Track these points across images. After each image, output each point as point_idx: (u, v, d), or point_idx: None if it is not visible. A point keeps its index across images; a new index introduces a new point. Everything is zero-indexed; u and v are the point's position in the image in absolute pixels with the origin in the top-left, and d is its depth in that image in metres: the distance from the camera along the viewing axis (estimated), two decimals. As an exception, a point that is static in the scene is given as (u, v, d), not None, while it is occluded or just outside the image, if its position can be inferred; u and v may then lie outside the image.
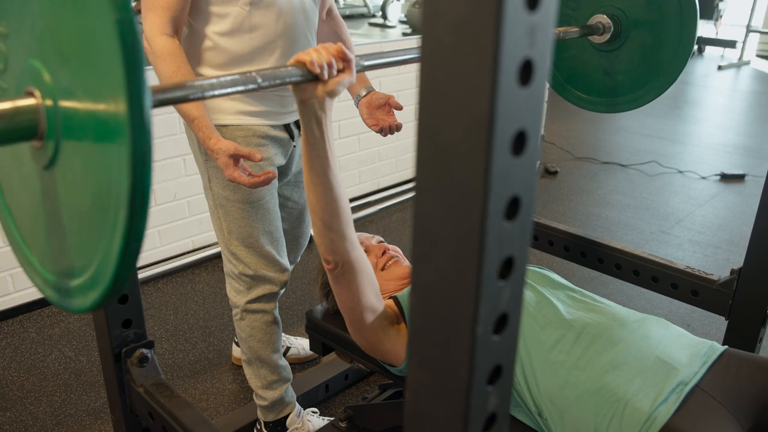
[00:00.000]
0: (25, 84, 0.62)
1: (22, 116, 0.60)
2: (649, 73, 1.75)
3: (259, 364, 1.78)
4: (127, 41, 0.51)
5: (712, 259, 3.15)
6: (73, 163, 0.61)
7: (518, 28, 0.42)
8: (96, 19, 0.53)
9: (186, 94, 0.81)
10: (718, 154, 4.86)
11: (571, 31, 1.68)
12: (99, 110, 0.55)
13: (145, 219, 0.57)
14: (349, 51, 1.00)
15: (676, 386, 1.15)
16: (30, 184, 0.69)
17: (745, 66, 9.00)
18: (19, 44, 0.65)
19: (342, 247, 1.14)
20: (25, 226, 0.76)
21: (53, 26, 0.59)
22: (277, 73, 0.92)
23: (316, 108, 1.00)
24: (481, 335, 0.50)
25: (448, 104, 0.45)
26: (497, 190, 0.45)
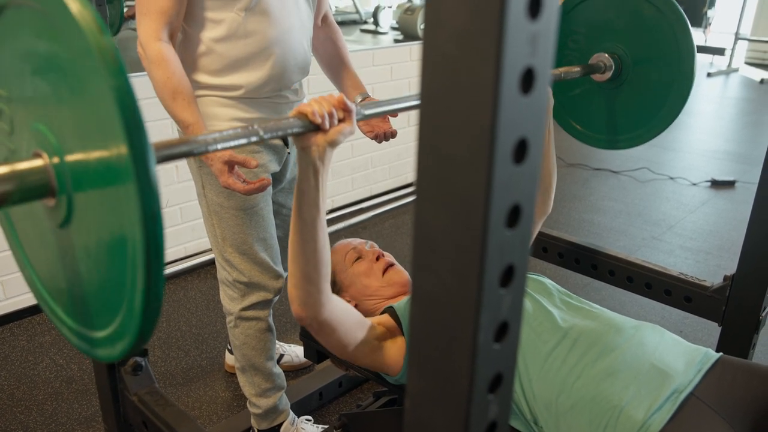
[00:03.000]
0: (33, 146, 0.66)
1: (32, 177, 0.64)
2: (649, 112, 1.78)
3: (252, 371, 1.77)
4: (127, 108, 0.54)
5: (704, 265, 3.17)
6: (87, 221, 0.64)
7: (520, 36, 0.42)
8: (95, 85, 0.55)
9: (190, 149, 0.84)
10: (709, 160, 4.89)
11: (573, 71, 1.71)
12: (106, 167, 0.58)
13: (162, 276, 0.60)
14: (349, 102, 1.03)
15: (670, 394, 1.15)
16: (48, 242, 0.72)
17: (734, 73, 9.08)
18: (22, 107, 0.69)
19: (318, 300, 1.11)
20: (47, 280, 0.78)
21: (54, 92, 0.62)
22: (279, 124, 0.95)
23: (316, 157, 1.00)
24: (482, 343, 0.50)
25: (449, 112, 0.45)
26: (498, 198, 0.45)
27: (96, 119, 0.57)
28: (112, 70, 0.54)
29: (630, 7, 1.73)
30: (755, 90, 7.97)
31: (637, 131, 1.82)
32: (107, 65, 0.54)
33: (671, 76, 1.70)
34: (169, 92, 1.40)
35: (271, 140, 1.62)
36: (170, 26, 1.41)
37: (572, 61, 1.85)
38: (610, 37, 1.77)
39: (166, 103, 1.42)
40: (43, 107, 0.65)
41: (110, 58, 0.54)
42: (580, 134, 1.94)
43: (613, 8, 1.75)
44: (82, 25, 0.55)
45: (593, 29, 1.80)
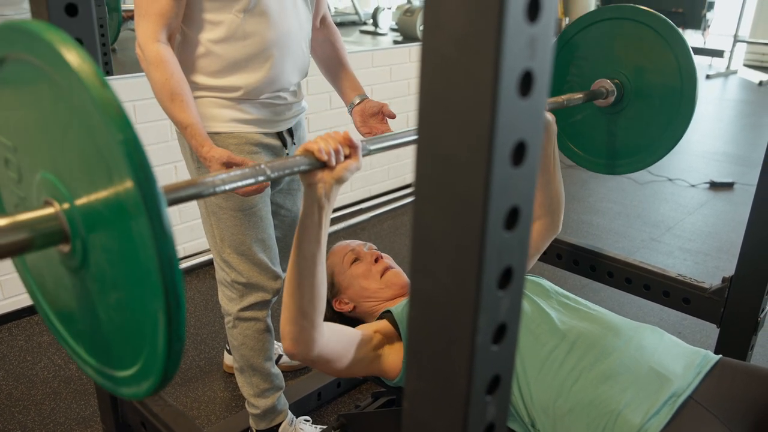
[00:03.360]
0: (43, 194, 0.68)
1: (45, 225, 0.65)
2: (651, 137, 1.78)
3: (251, 372, 1.77)
4: (135, 160, 0.55)
5: (702, 266, 3.17)
6: (103, 264, 0.65)
7: (519, 39, 0.42)
8: (101, 137, 0.56)
9: (199, 191, 0.85)
10: (708, 162, 4.90)
11: (575, 97, 1.71)
12: (118, 211, 0.59)
13: (183, 318, 0.61)
14: (355, 138, 1.04)
15: (669, 398, 1.15)
16: (66, 285, 0.73)
17: (733, 75, 9.10)
18: (29, 156, 0.70)
19: (311, 336, 1.11)
20: (67, 321, 0.79)
21: (60, 141, 0.63)
22: (286, 163, 0.96)
23: (322, 194, 1.01)
24: (480, 345, 0.50)
25: (448, 115, 0.45)
26: (497, 201, 0.45)
27: (104, 166, 0.58)
28: (118, 124, 0.55)
29: (631, 33, 1.73)
30: (754, 92, 7.99)
31: (638, 156, 1.82)
32: (112, 120, 0.55)
33: (673, 101, 1.71)
34: (167, 93, 1.40)
35: (269, 141, 1.63)
36: (169, 28, 1.41)
37: (574, 88, 1.86)
38: (611, 63, 1.78)
39: (165, 105, 1.42)
40: (50, 156, 0.66)
41: (115, 112, 0.55)
42: (580, 158, 1.95)
43: (614, 34, 1.76)
44: (84, 80, 0.55)
45: (595, 55, 1.81)
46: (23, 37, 0.62)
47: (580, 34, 1.82)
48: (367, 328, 1.32)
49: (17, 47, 0.63)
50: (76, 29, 1.02)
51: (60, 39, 0.57)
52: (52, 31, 0.58)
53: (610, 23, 1.76)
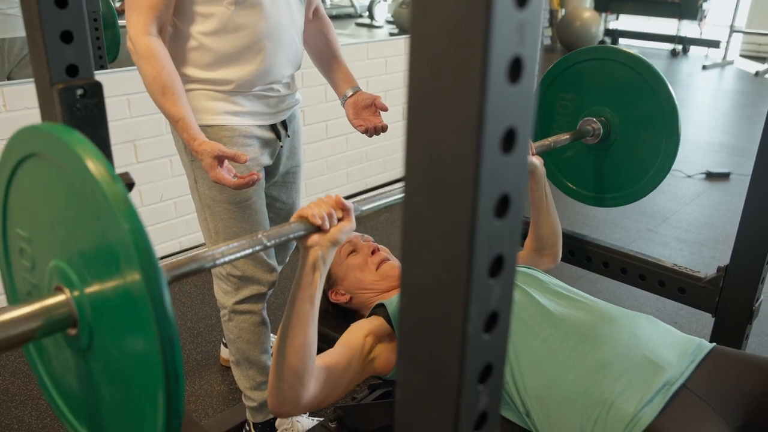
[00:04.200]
0: (54, 280, 0.72)
1: (56, 311, 0.70)
2: (638, 172, 1.82)
3: (247, 365, 1.77)
4: (140, 246, 0.60)
5: (698, 256, 3.18)
6: (108, 347, 0.69)
7: (507, 25, 0.42)
8: (111, 228, 0.62)
9: (200, 266, 0.90)
10: (704, 153, 4.90)
11: (562, 138, 1.76)
12: (123, 297, 0.63)
13: (182, 398, 0.64)
14: (347, 201, 1.08)
15: (662, 386, 1.15)
16: (70, 366, 0.77)
17: (729, 65, 9.09)
18: (42, 245, 0.75)
19: (298, 394, 1.10)
20: (70, 400, 0.82)
21: (72, 231, 0.68)
22: (282, 231, 1.01)
23: (318, 256, 1.04)
24: (472, 334, 0.49)
25: (437, 102, 0.45)
26: (487, 188, 0.45)
27: (112, 255, 0.63)
28: (126, 216, 0.60)
29: (612, 72, 1.79)
30: (750, 82, 7.98)
31: (627, 190, 1.87)
32: (122, 212, 0.60)
33: (658, 137, 1.76)
34: (158, 87, 1.40)
35: (262, 133, 1.63)
36: (159, 20, 1.41)
37: (561, 125, 1.91)
38: (596, 101, 1.83)
39: (156, 98, 1.41)
40: (62, 245, 0.71)
41: (123, 206, 0.60)
42: (571, 192, 2.00)
43: (596, 74, 1.82)
44: (96, 177, 0.61)
45: (580, 94, 1.86)
46: (43, 137, 0.68)
47: (564, 73, 1.88)
48: (359, 334, 1.30)
49: (38, 147, 0.69)
50: (66, 21, 1.01)
51: (76, 140, 0.64)
52: (69, 133, 0.65)
53: (593, 63, 1.82)
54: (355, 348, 1.26)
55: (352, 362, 1.24)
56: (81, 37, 1.05)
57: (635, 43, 10.64)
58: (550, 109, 1.93)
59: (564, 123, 1.90)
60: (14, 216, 0.80)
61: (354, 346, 1.27)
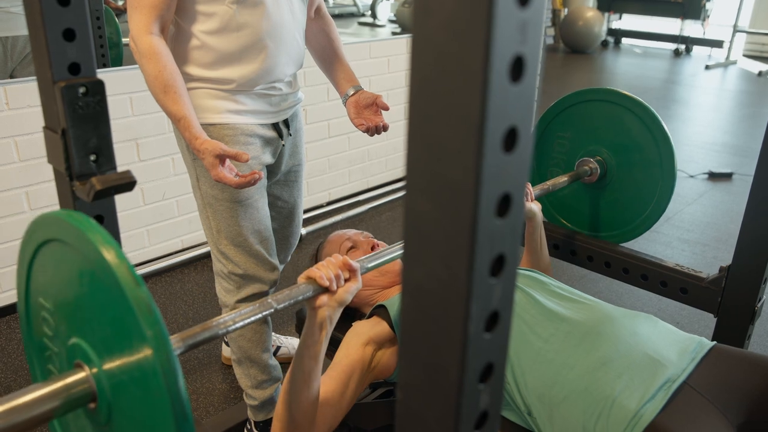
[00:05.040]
0: (74, 357, 0.76)
1: (76, 388, 0.73)
2: (634, 211, 1.86)
3: (248, 363, 1.77)
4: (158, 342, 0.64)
5: (701, 257, 3.17)
6: (126, 422, 0.72)
7: (509, 24, 0.42)
8: (132, 325, 0.65)
9: (212, 334, 0.92)
10: (706, 152, 4.89)
11: (560, 181, 1.80)
12: (138, 375, 0.67)
13: None
14: (353, 262, 1.09)
15: (663, 383, 1.15)
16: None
17: (732, 65, 9.07)
18: (64, 321, 0.79)
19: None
20: None
21: (93, 317, 0.72)
22: (291, 293, 1.04)
23: (325, 316, 1.06)
24: (473, 333, 0.49)
25: (439, 101, 0.45)
26: (488, 188, 0.45)
27: (127, 335, 0.67)
28: (149, 322, 0.64)
29: (608, 114, 1.82)
30: (753, 82, 7.97)
31: (622, 230, 1.90)
32: (144, 317, 0.64)
33: (654, 178, 1.79)
34: (160, 86, 1.40)
35: (264, 132, 1.63)
36: (161, 19, 1.41)
37: (559, 164, 1.95)
38: (593, 141, 1.86)
39: (158, 97, 1.41)
40: (83, 324, 0.75)
41: (146, 311, 0.64)
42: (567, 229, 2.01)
43: (593, 115, 1.85)
44: (121, 281, 0.65)
45: (577, 134, 1.89)
46: (67, 230, 0.72)
47: (561, 114, 1.91)
48: (357, 344, 1.30)
49: (61, 236, 0.73)
50: (68, 19, 1.01)
51: (101, 239, 0.67)
52: (93, 230, 0.69)
53: (591, 105, 1.85)
54: (355, 361, 1.27)
55: (352, 379, 1.25)
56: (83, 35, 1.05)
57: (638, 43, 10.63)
58: (548, 148, 1.96)
59: (561, 161, 1.94)
60: (38, 286, 0.83)
61: (354, 359, 1.27)
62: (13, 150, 2.34)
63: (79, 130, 1.01)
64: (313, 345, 1.08)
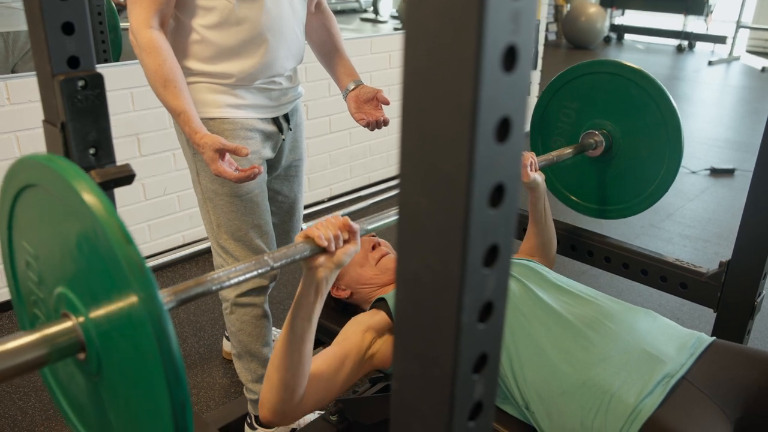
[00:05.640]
0: (60, 307, 0.74)
1: (63, 338, 0.71)
2: (640, 185, 1.83)
3: (249, 358, 1.78)
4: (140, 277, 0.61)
5: (702, 252, 3.17)
6: (116, 374, 0.71)
7: (502, 13, 0.42)
8: (111, 262, 0.63)
9: (206, 289, 0.90)
10: (709, 148, 4.88)
11: (565, 152, 1.77)
12: (125, 323, 0.65)
13: (191, 425, 0.65)
14: (354, 223, 1.07)
15: (662, 378, 1.15)
16: (83, 389, 0.79)
17: (735, 61, 9.05)
18: (49, 267, 0.76)
19: (290, 407, 1.12)
20: (81, 415, 0.84)
21: (82, 266, 0.69)
22: (288, 252, 1.02)
23: (322, 277, 1.04)
24: (466, 323, 0.49)
25: (431, 91, 0.45)
26: (481, 178, 0.45)
27: (113, 283, 0.64)
28: (140, 282, 0.62)
29: (616, 87, 1.79)
30: (756, 78, 7.94)
31: (628, 203, 1.88)
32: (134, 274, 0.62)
33: (660, 151, 1.76)
34: (160, 80, 1.40)
35: (264, 126, 1.63)
36: (161, 14, 1.41)
37: (564, 135, 1.92)
38: (599, 114, 1.83)
39: (158, 91, 1.42)
40: (69, 273, 0.72)
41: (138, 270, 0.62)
42: (571, 202, 2.00)
43: (600, 87, 1.82)
44: (110, 236, 0.62)
45: (583, 106, 1.87)
46: (47, 172, 0.69)
47: (567, 85, 1.88)
48: (357, 330, 1.30)
49: (41, 179, 0.70)
50: (67, 13, 1.01)
51: (86, 187, 0.64)
52: (78, 177, 0.65)
53: (597, 77, 1.82)
54: (352, 344, 1.27)
55: (347, 361, 1.24)
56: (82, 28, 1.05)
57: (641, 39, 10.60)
58: (553, 118, 1.93)
59: (566, 134, 1.91)
60: (20, 229, 0.80)
61: (351, 342, 1.27)
62: (15, 145, 2.34)
63: (78, 124, 1.01)
64: (307, 306, 1.06)
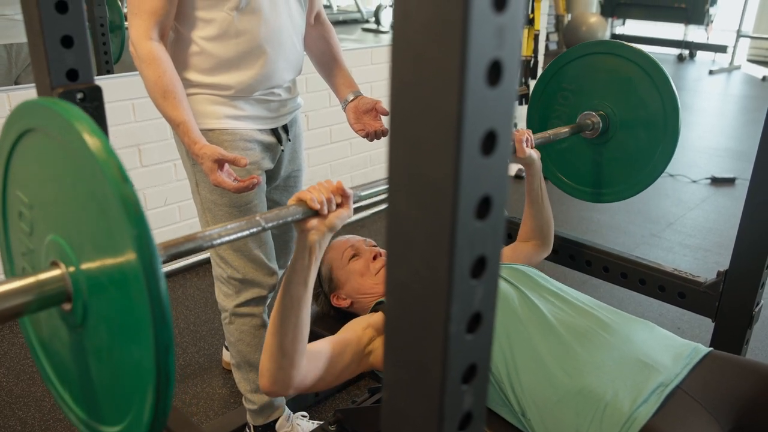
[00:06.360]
0: (51, 255, 0.72)
1: (50, 286, 0.70)
2: (635, 168, 1.83)
3: (248, 368, 1.78)
4: (136, 226, 0.60)
5: (702, 262, 3.16)
6: (101, 326, 0.69)
7: (486, 29, 0.43)
8: (107, 206, 0.61)
9: (197, 245, 0.89)
10: (709, 157, 4.89)
11: (561, 131, 1.76)
12: (117, 276, 0.63)
13: (171, 395, 0.63)
14: (347, 188, 1.08)
15: (656, 387, 1.15)
16: (63, 339, 0.77)
17: (736, 70, 9.06)
18: (42, 215, 0.75)
19: (288, 374, 1.12)
20: (59, 370, 0.83)
21: (75, 212, 0.68)
22: (280, 213, 1.01)
23: (315, 240, 1.04)
24: (454, 334, 0.50)
25: (418, 104, 0.46)
26: (467, 190, 0.46)
27: (108, 233, 0.63)
28: (134, 221, 0.60)
29: (615, 68, 1.78)
30: (757, 87, 7.96)
31: (622, 185, 1.89)
32: (129, 214, 0.60)
33: (657, 134, 1.76)
34: (159, 91, 1.41)
35: (263, 137, 1.64)
36: (161, 25, 1.42)
37: (561, 117, 1.90)
38: (597, 95, 1.82)
39: (157, 102, 1.43)
40: (62, 221, 0.71)
41: (133, 209, 0.60)
42: (566, 186, 2.00)
43: (599, 69, 1.81)
44: (106, 174, 0.61)
45: (581, 87, 1.86)
46: (51, 117, 0.67)
47: (567, 66, 1.87)
48: (357, 326, 1.32)
49: (45, 125, 0.69)
50: (67, 26, 1.02)
51: (87, 128, 0.62)
52: (80, 119, 0.63)
53: (597, 57, 1.81)
54: (352, 336, 1.28)
55: (347, 349, 1.25)
56: (81, 41, 1.06)
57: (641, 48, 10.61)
58: (551, 101, 1.92)
59: (563, 115, 1.89)
60: (16, 178, 0.79)
61: (352, 334, 1.28)
62: (16, 156, 2.36)
63: (77, 136, 1.02)
64: (301, 270, 1.06)
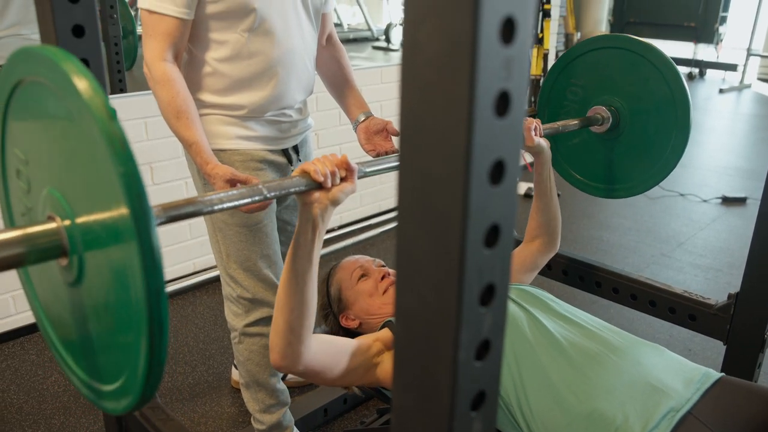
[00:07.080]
0: (47, 208, 0.72)
1: (46, 239, 0.69)
2: (646, 163, 1.82)
3: (257, 387, 1.78)
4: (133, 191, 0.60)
5: (713, 282, 3.14)
6: (97, 281, 0.69)
7: (493, 61, 0.43)
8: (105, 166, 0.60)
9: (196, 209, 0.88)
10: (720, 177, 4.87)
11: (571, 124, 1.76)
12: (112, 230, 0.62)
13: (165, 345, 0.63)
14: (352, 162, 1.07)
15: (667, 412, 1.14)
16: (62, 297, 0.77)
17: (746, 89, 9.05)
18: (38, 170, 0.74)
19: (297, 350, 1.12)
20: (60, 331, 0.83)
21: (67, 161, 0.68)
22: (283, 183, 1.00)
23: (317, 214, 1.04)
24: (463, 361, 0.50)
25: (427, 135, 0.46)
26: (476, 219, 0.46)
27: (104, 187, 0.62)
28: (120, 158, 0.59)
29: (626, 62, 1.78)
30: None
31: (634, 181, 1.86)
32: (116, 153, 0.59)
33: (668, 129, 1.75)
34: (173, 112, 1.43)
35: (274, 158, 1.65)
36: (175, 47, 1.44)
37: (571, 112, 1.90)
38: (607, 90, 1.82)
39: (171, 123, 1.45)
40: (57, 174, 0.70)
41: (119, 146, 0.59)
42: (579, 182, 1.98)
43: (609, 63, 1.81)
44: (93, 111, 0.59)
45: (591, 82, 1.85)
46: (40, 62, 0.66)
47: (576, 60, 1.87)
48: (367, 338, 1.33)
49: (34, 71, 0.68)
50: (83, 50, 1.05)
51: (74, 69, 0.61)
52: (68, 60, 0.62)
53: (606, 52, 1.81)
54: (363, 343, 1.29)
55: (357, 352, 1.26)
56: (96, 64, 1.08)
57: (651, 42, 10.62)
58: (560, 95, 1.91)
59: (573, 110, 1.89)
60: (12, 136, 0.79)
61: (363, 341, 1.30)
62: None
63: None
64: (305, 244, 1.06)
